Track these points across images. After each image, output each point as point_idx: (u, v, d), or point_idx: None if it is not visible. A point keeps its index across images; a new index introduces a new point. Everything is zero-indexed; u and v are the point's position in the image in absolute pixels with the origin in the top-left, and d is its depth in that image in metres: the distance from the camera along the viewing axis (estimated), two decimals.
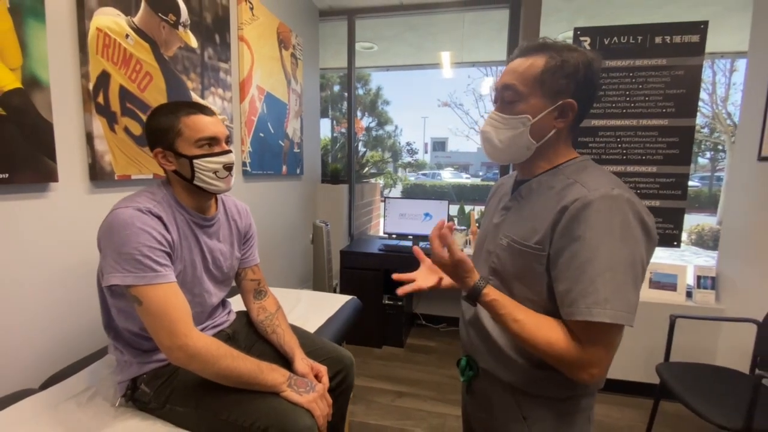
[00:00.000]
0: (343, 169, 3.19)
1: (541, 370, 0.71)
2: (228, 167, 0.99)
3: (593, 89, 0.71)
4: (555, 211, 0.67)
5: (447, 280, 0.86)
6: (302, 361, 1.08)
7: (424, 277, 0.87)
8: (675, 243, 2.13)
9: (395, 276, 0.86)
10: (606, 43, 2.11)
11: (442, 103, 13.89)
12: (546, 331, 0.65)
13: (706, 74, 9.74)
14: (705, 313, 2.00)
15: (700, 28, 1.98)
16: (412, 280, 0.86)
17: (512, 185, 0.82)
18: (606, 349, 0.63)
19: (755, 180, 1.88)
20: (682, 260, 6.31)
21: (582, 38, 2.15)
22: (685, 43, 2.01)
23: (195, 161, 0.94)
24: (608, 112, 2.14)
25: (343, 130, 3.18)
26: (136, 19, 1.34)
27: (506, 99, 0.73)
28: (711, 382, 1.57)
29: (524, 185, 0.78)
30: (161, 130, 0.94)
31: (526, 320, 0.66)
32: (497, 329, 0.77)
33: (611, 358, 0.64)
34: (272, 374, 0.93)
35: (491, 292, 0.69)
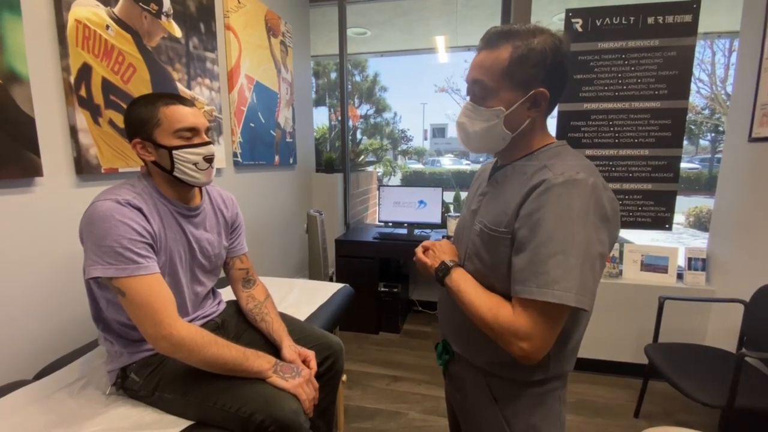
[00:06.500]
0: (337, 158, 3.18)
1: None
2: (208, 159, 0.99)
3: (563, 72, 0.70)
4: (521, 195, 0.68)
5: None
6: (290, 348, 1.10)
7: None
8: (667, 226, 2.13)
9: None
10: (598, 24, 2.09)
11: (439, 89, 13.66)
12: (493, 300, 0.69)
13: (706, 54, 9.57)
14: (694, 295, 2.02)
15: (692, 7, 1.95)
16: None
17: (491, 171, 0.83)
18: (542, 327, 0.63)
19: (746, 161, 1.87)
20: (680, 242, 6.32)
21: (574, 20, 2.12)
22: (678, 23, 1.98)
23: (174, 152, 0.94)
24: (600, 95, 2.12)
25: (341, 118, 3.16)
26: (117, 10, 1.32)
27: (477, 94, 0.72)
28: (697, 362, 1.59)
29: (500, 171, 0.78)
30: (140, 121, 0.94)
31: (481, 292, 0.71)
32: None
33: (547, 338, 0.64)
34: (258, 361, 0.95)
35: (457, 273, 0.76)
